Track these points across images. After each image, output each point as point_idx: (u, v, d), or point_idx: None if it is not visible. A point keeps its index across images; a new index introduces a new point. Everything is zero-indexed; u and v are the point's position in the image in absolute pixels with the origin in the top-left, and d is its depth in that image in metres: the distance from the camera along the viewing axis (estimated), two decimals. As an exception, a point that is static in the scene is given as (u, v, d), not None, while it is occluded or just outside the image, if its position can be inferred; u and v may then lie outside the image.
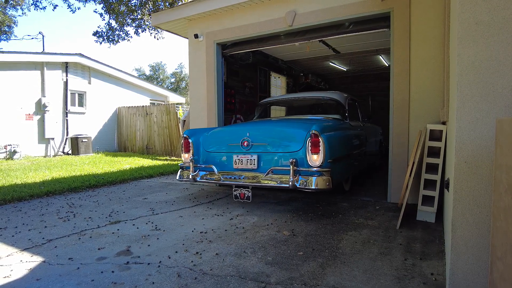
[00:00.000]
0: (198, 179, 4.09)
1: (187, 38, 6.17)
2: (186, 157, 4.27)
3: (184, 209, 4.11)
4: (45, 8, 11.00)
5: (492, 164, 1.68)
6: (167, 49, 71.45)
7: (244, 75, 7.36)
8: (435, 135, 3.40)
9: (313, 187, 3.34)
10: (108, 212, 4.05)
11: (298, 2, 4.80)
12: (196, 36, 5.75)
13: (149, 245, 2.87)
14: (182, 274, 2.30)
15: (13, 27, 13.85)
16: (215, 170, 3.94)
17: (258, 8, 5.17)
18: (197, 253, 2.68)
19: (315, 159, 3.39)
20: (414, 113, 4.07)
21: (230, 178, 3.87)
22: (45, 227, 3.48)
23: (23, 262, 2.56)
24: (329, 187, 3.38)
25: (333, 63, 8.99)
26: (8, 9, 13.32)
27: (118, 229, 3.36)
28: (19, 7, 12.16)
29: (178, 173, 4.35)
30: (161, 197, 4.90)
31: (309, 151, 3.41)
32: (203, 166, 4.13)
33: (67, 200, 4.80)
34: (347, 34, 4.89)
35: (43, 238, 3.13)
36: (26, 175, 6.77)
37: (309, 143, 3.41)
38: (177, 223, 3.53)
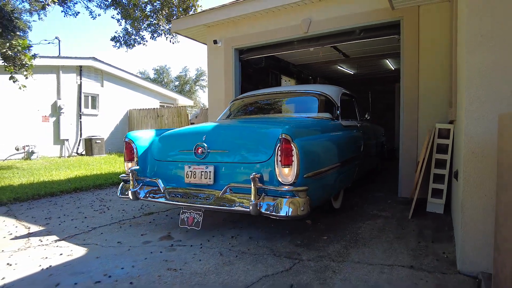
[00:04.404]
0: (141, 196, 3.19)
1: (206, 44, 6.53)
2: (129, 166, 3.36)
3: (209, 203, 4.43)
4: (74, 15, 11.27)
5: (495, 154, 2.00)
6: (171, 53, 72.31)
7: (257, 78, 7.68)
8: (443, 133, 3.71)
9: (281, 214, 2.45)
10: (139, 205, 4.38)
11: (313, 10, 5.14)
12: (215, 42, 6.10)
13: (187, 231, 3.20)
14: (223, 253, 2.62)
15: (27, 32, 14.28)
16: (160, 185, 3.06)
17: (275, 16, 5.52)
18: (232, 237, 3.01)
19: (287, 174, 2.52)
20: (422, 113, 4.39)
21: (178, 196, 2.99)
22: (85, 217, 3.81)
23: (78, 245, 2.89)
24: (304, 214, 2.51)
25: (341, 66, 9.31)
26: (23, 15, 13.77)
27: (153, 219, 3.69)
28: (35, 13, 12.61)
29: (119, 187, 3.46)
30: (184, 192, 5.21)
31: (279, 163, 2.55)
32: (148, 179, 3.22)
33: (95, 195, 5.14)
34: (358, 40, 5.22)
35: (87, 226, 3.47)
36: (50, 174, 7.12)
37: (279, 152, 2.55)
38: (208, 214, 3.85)
